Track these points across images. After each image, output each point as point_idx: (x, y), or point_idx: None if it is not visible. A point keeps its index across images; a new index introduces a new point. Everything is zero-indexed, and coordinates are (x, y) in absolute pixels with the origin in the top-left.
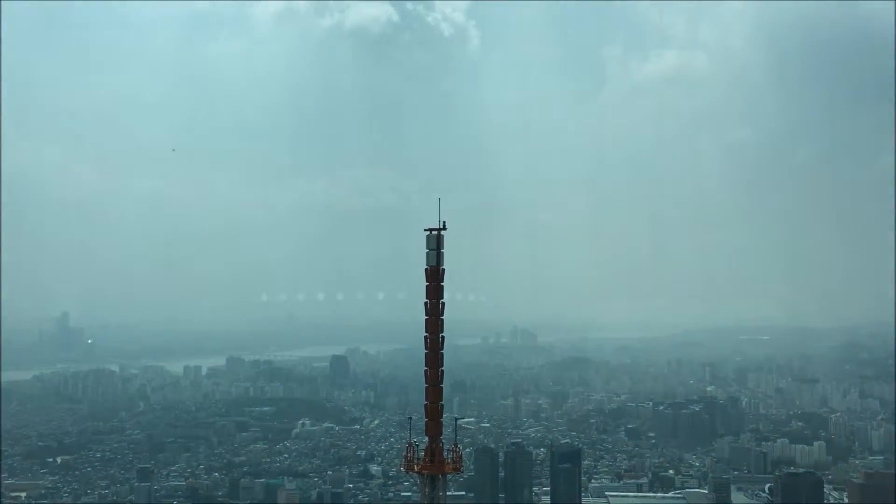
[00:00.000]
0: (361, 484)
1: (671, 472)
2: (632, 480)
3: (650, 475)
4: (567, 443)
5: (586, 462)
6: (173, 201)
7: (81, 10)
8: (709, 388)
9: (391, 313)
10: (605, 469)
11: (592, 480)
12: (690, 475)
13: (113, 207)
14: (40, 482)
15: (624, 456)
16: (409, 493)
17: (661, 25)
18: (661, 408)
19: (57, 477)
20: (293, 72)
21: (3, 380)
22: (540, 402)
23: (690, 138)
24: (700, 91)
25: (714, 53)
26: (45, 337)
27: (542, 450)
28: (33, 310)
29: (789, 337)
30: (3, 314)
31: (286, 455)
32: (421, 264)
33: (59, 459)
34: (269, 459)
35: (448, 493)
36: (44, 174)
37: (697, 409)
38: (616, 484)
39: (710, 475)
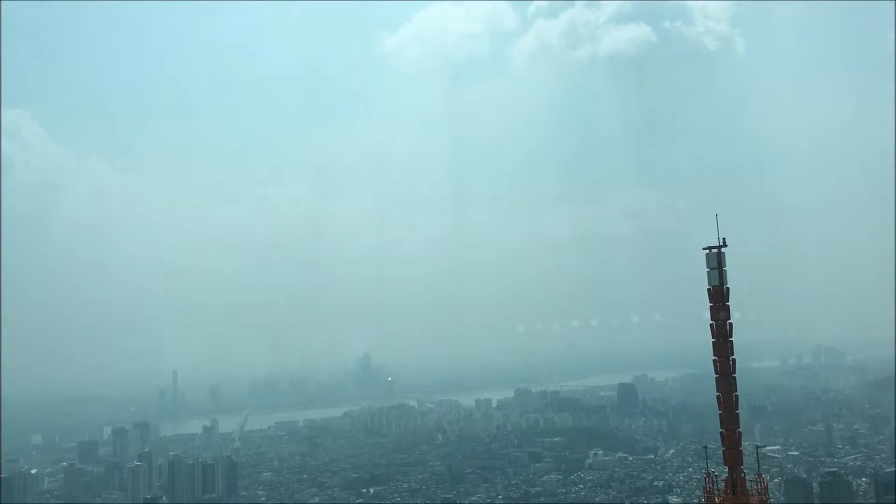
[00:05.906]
0: None
1: None
2: None
3: None
4: (893, 472)
5: None
6: (451, 244)
7: (351, 78)
8: None
9: (673, 337)
10: None
11: None
12: None
13: (397, 254)
14: None
15: None
16: None
17: None
18: None
19: None
20: (553, 105)
21: (318, 417)
22: (856, 426)
23: None
24: None
25: None
26: (350, 377)
27: (863, 479)
28: (337, 353)
29: None
30: (310, 358)
31: (581, 486)
32: (702, 285)
33: (371, 490)
34: (564, 490)
35: None
36: (334, 229)
37: None
38: None
39: None
